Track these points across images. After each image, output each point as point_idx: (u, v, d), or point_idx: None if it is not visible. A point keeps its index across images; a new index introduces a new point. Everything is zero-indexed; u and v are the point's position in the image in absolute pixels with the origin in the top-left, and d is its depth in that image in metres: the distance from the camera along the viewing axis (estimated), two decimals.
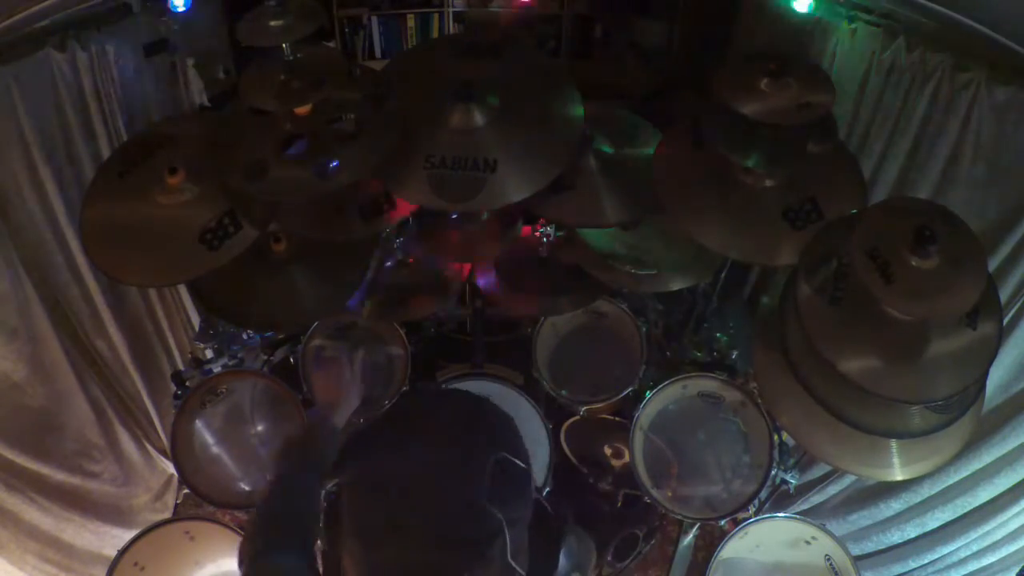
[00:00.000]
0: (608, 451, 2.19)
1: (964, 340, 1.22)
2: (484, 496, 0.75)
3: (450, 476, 0.77)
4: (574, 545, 1.12)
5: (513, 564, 0.76)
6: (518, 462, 0.81)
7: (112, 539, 2.28)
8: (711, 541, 2.27)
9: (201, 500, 1.75)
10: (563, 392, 2.03)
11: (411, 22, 3.85)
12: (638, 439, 1.83)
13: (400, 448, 0.81)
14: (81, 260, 1.97)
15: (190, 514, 1.78)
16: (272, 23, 1.30)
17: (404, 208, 1.66)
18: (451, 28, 3.81)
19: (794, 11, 1.99)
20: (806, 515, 1.98)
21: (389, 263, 1.92)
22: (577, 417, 2.09)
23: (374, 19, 3.81)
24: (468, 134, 1.46)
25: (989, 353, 1.22)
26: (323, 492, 1.20)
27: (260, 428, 1.95)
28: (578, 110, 1.55)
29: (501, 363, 2.27)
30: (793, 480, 1.82)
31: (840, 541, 1.71)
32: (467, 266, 1.98)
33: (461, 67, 1.57)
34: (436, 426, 0.83)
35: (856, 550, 2.28)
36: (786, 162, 1.45)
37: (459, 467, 0.78)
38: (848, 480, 2.28)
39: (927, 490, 2.05)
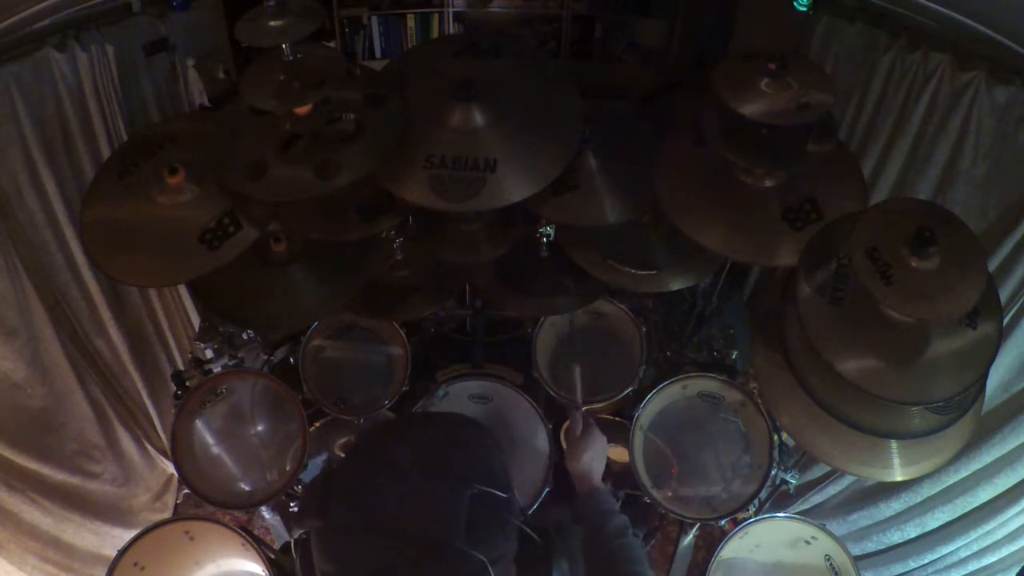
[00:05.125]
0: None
1: (964, 340, 1.22)
2: (462, 538, 0.73)
3: (422, 523, 0.74)
4: (565, 567, 1.12)
5: None
6: (496, 492, 0.78)
7: (112, 539, 2.29)
8: (711, 541, 2.27)
9: (201, 500, 1.75)
10: (563, 392, 2.03)
11: (411, 22, 3.86)
12: (638, 439, 1.83)
13: (364, 497, 0.77)
14: (81, 260, 1.97)
15: (190, 514, 1.78)
16: (272, 23, 1.30)
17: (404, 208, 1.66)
18: (451, 28, 3.82)
19: (794, 11, 1.99)
20: (806, 515, 1.98)
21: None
22: None
23: (374, 19, 3.82)
24: (468, 134, 1.46)
25: (989, 353, 1.21)
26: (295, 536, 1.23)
27: (260, 428, 1.95)
28: (578, 110, 1.55)
29: (501, 363, 2.27)
30: (793, 480, 1.82)
31: (840, 541, 1.70)
32: (467, 266, 1.98)
33: (461, 67, 1.57)
34: (402, 468, 0.79)
35: (856, 550, 2.28)
36: (786, 162, 1.44)
37: (431, 512, 0.75)
38: (848, 480, 2.28)
39: (927, 490, 2.05)
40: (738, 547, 1.78)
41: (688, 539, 2.08)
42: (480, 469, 0.81)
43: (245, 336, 2.00)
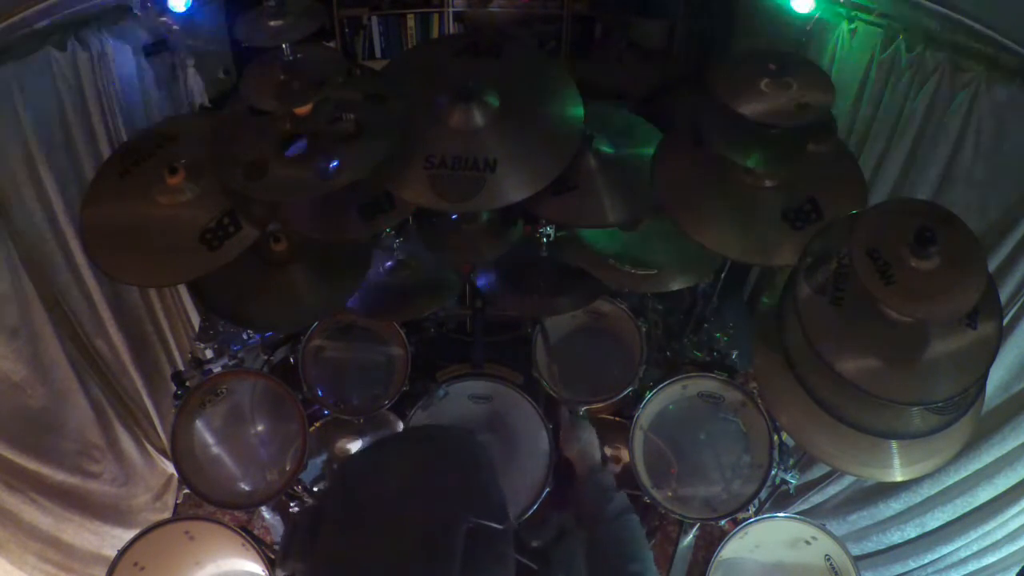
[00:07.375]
0: (608, 451, 2.19)
1: (964, 340, 1.22)
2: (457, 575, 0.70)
3: (415, 561, 0.70)
4: None
5: None
6: (493, 524, 0.75)
7: (112, 539, 2.28)
8: (711, 541, 2.27)
9: (201, 500, 1.75)
10: (563, 392, 2.03)
11: (411, 22, 3.86)
12: (638, 439, 1.83)
13: (351, 534, 0.73)
14: (81, 260, 1.97)
15: (190, 514, 1.78)
16: (272, 23, 1.30)
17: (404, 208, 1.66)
18: (451, 28, 3.82)
19: (794, 11, 1.99)
20: (806, 515, 1.98)
21: None
22: None
23: (374, 19, 3.82)
24: (468, 134, 1.46)
25: (989, 353, 1.21)
26: None
27: (260, 428, 1.95)
28: (578, 110, 1.55)
29: (501, 363, 2.27)
30: (793, 480, 1.82)
31: (840, 541, 1.70)
32: (467, 266, 1.98)
33: (461, 67, 1.57)
34: (391, 502, 0.75)
35: (856, 550, 2.28)
36: (786, 162, 1.44)
37: (424, 550, 0.71)
38: (848, 480, 2.28)
39: (927, 490, 2.05)
40: (738, 547, 1.78)
41: (688, 539, 2.08)
42: (476, 499, 0.77)
43: (245, 336, 2.00)
